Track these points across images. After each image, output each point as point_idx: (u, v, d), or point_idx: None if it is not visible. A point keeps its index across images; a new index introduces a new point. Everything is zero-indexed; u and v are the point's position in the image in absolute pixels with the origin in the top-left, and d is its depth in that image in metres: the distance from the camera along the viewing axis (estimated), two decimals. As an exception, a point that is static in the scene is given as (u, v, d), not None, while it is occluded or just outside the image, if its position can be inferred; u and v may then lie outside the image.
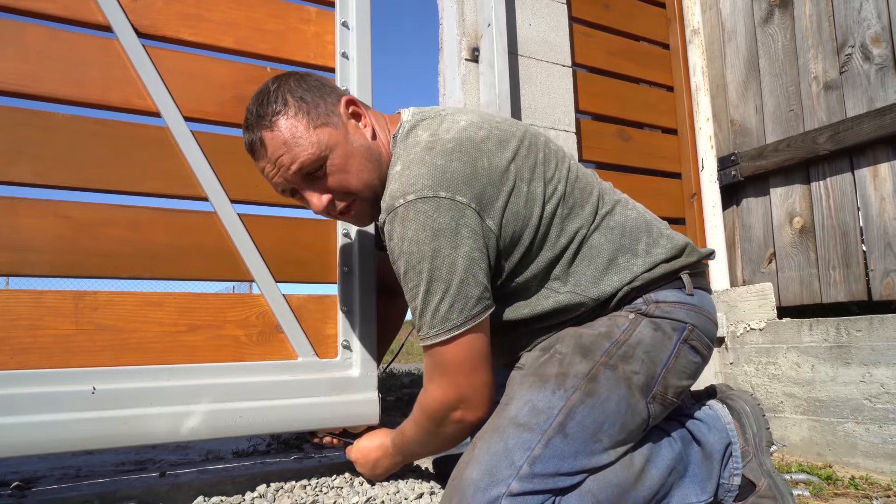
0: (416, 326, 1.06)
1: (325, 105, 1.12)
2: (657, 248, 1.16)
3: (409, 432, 1.18)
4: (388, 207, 1.03)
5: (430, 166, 1.02)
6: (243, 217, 1.41)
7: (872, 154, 1.96)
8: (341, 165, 1.10)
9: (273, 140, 1.08)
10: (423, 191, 0.99)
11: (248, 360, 1.38)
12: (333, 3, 1.60)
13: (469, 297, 1.00)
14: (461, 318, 1.00)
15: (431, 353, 1.04)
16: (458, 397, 1.04)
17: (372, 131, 1.17)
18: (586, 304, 1.12)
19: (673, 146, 2.44)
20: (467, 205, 1.01)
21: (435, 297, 1.00)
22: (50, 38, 1.28)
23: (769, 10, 2.31)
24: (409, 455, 1.25)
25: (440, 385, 1.05)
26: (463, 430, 1.09)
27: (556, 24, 2.07)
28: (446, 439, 1.12)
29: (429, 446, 1.17)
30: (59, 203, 1.25)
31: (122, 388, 1.23)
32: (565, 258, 1.12)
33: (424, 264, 0.99)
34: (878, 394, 1.65)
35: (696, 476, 1.14)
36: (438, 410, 1.07)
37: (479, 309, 1.02)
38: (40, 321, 1.21)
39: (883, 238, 1.91)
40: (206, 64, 1.43)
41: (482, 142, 1.09)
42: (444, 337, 1.01)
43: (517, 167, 1.10)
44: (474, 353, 1.03)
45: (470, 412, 1.05)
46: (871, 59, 1.97)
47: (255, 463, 1.61)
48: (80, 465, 1.76)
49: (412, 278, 1.01)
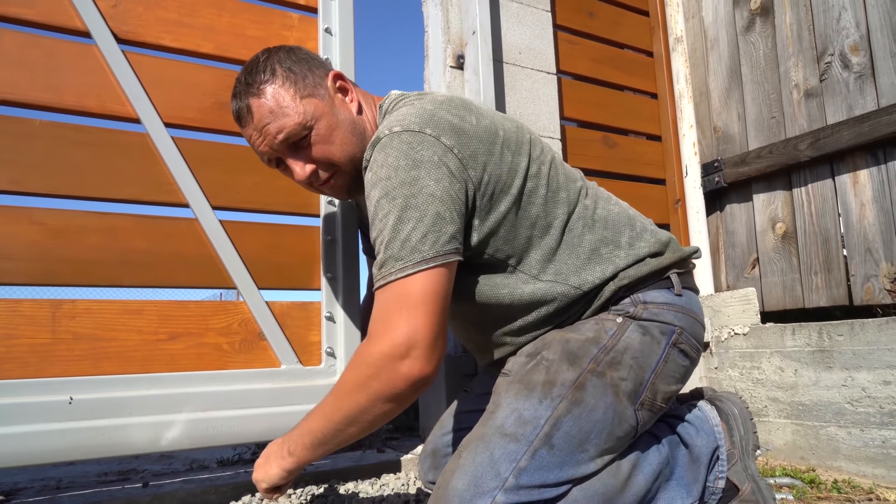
0: (379, 263, 0.96)
1: (313, 77, 1.14)
2: (641, 242, 1.15)
3: (317, 408, 1.01)
4: (374, 141, 1.02)
5: (418, 109, 1.03)
6: (225, 224, 1.40)
7: (852, 161, 1.98)
8: (325, 136, 1.11)
9: (260, 108, 1.10)
10: (410, 126, 1.00)
11: (230, 369, 1.36)
12: (316, 10, 1.60)
13: (442, 233, 0.94)
14: (432, 252, 0.93)
15: (390, 289, 0.93)
16: (410, 339, 0.90)
17: (358, 106, 1.19)
18: (568, 294, 1.10)
19: (657, 153, 2.46)
20: (450, 149, 1.00)
21: (407, 225, 0.94)
22: (27, 43, 1.27)
23: (751, 18, 2.34)
24: (304, 444, 1.01)
25: (393, 326, 0.91)
26: (397, 389, 0.91)
27: (540, 32, 2.08)
28: (369, 403, 0.92)
29: (334, 413, 0.96)
30: (35, 210, 1.24)
31: (100, 398, 1.21)
32: (546, 244, 1.11)
33: (401, 190, 0.95)
34: (859, 398, 1.66)
35: (682, 479, 1.13)
36: (380, 356, 0.91)
37: (450, 248, 0.95)
38: (16, 330, 1.19)
39: (863, 244, 1.93)
40: (187, 70, 1.42)
41: (472, 104, 1.12)
42: (410, 270, 0.92)
43: (504, 136, 1.10)
44: (439, 293, 0.94)
45: (419, 362, 0.90)
46: (851, 68, 1.99)
47: (239, 472, 1.59)
48: (61, 475, 1.73)
49: (384, 206, 0.96)
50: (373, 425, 0.96)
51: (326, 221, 1.52)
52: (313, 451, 1.01)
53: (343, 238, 1.51)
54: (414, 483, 1.46)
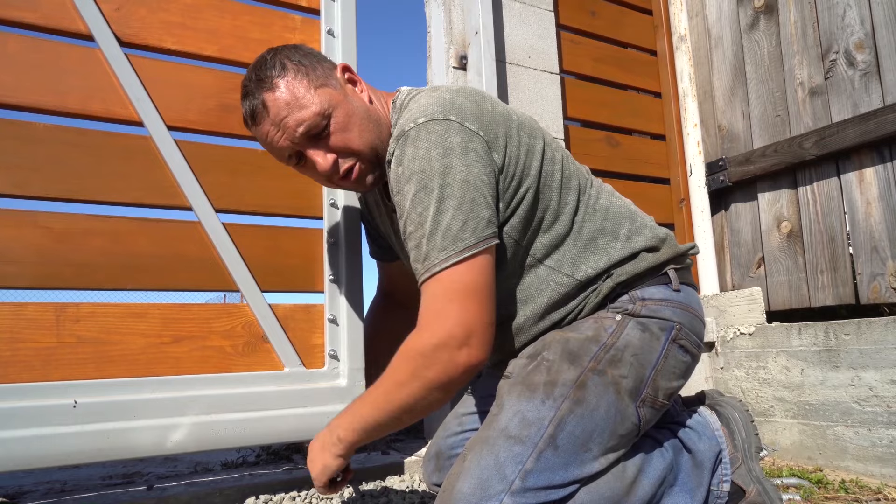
0: (422, 257, 0.96)
1: (322, 69, 1.14)
2: (639, 237, 1.15)
3: (364, 398, 1.03)
4: (398, 135, 1.03)
5: (438, 98, 1.04)
6: (228, 226, 1.40)
7: (858, 159, 1.97)
8: (344, 124, 1.11)
9: (275, 102, 1.08)
10: (434, 115, 1.00)
11: (234, 371, 1.36)
12: (319, 12, 1.60)
13: (481, 218, 0.96)
14: (474, 238, 0.95)
15: (437, 280, 0.94)
16: (468, 328, 0.91)
17: (368, 97, 1.19)
18: (561, 282, 1.10)
19: (661, 152, 2.45)
20: (476, 132, 1.01)
21: (446, 215, 0.95)
22: (30, 47, 1.27)
23: (755, 16, 2.33)
24: (356, 429, 1.02)
25: (447, 316, 0.92)
26: (453, 377, 0.93)
27: (543, 32, 2.07)
28: (424, 392, 0.94)
29: (388, 404, 0.97)
30: (39, 214, 1.24)
31: (105, 402, 1.21)
32: (556, 229, 1.11)
33: (436, 181, 0.96)
34: (866, 397, 1.65)
35: (686, 484, 1.13)
36: (436, 346, 0.92)
37: (489, 232, 0.97)
38: (20, 334, 1.19)
39: (869, 242, 1.92)
40: (190, 73, 1.42)
41: (485, 93, 1.13)
42: (456, 259, 0.93)
43: (519, 120, 1.12)
44: (487, 280, 0.95)
45: (476, 350, 0.92)
46: (856, 65, 1.98)
47: (244, 474, 1.59)
48: (66, 478, 1.73)
49: (422, 199, 0.97)
50: (424, 412, 0.99)
51: (329, 224, 1.52)
52: (366, 435, 1.03)
53: (346, 240, 1.51)
54: (418, 485, 1.46)
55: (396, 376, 0.97)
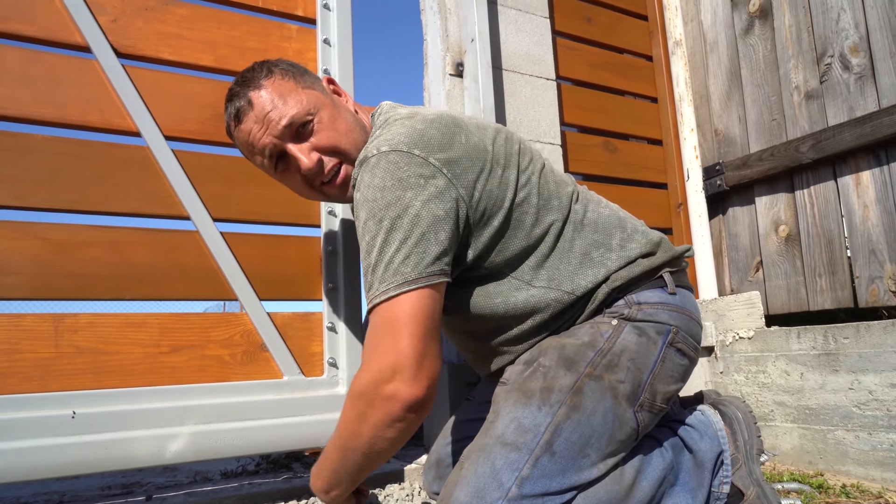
0: (367, 287, 0.97)
1: (310, 76, 1.18)
2: (632, 244, 1.15)
3: (330, 442, 1.02)
4: (362, 159, 1.03)
5: (408, 128, 1.04)
6: (226, 235, 1.40)
7: (854, 162, 1.97)
8: (329, 123, 1.12)
9: (260, 99, 1.10)
10: (398, 146, 1.00)
11: (232, 380, 1.36)
12: (315, 21, 1.61)
13: (426, 254, 0.95)
14: (414, 273, 0.93)
15: (377, 313, 0.94)
16: (394, 363, 0.89)
17: (353, 108, 1.22)
18: (561, 300, 1.10)
19: (658, 157, 2.45)
20: (439, 168, 1.00)
21: (391, 247, 0.95)
22: (28, 59, 1.28)
23: (749, 21, 2.34)
24: (327, 476, 1.04)
25: (379, 351, 0.92)
26: (393, 415, 0.90)
27: (539, 38, 2.08)
28: (373, 433, 0.92)
29: (347, 452, 0.97)
30: (37, 225, 1.24)
31: (103, 412, 1.21)
32: (539, 251, 1.11)
33: (387, 212, 0.96)
34: (866, 401, 1.65)
35: (686, 484, 1.12)
36: (369, 384, 0.91)
37: (435, 269, 0.95)
38: (18, 345, 1.19)
39: (867, 245, 1.92)
40: (187, 83, 1.43)
41: (462, 121, 1.12)
42: (392, 293, 0.92)
43: (494, 151, 1.10)
44: (421, 314, 0.92)
45: (405, 385, 0.89)
46: (851, 69, 1.99)
47: (243, 484, 1.58)
48: (64, 489, 1.73)
49: (371, 228, 0.97)
50: (390, 451, 0.97)
51: (327, 232, 1.52)
52: (347, 484, 1.04)
53: (344, 248, 1.51)
54: (418, 493, 1.45)
55: (345, 420, 0.97)
